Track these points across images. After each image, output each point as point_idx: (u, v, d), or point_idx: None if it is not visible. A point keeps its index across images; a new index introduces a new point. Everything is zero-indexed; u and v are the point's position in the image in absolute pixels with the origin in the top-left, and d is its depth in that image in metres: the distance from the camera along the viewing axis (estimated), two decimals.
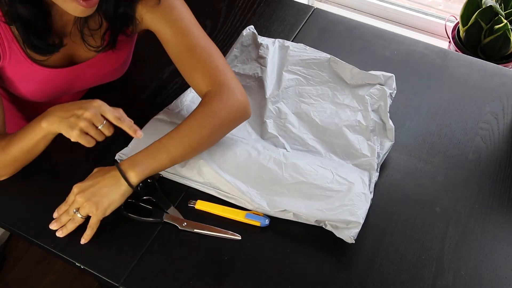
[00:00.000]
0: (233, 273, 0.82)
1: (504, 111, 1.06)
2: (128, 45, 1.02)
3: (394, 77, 1.05)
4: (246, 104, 0.93)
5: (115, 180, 0.84)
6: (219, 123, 0.89)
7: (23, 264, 1.65)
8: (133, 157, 0.85)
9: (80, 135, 0.82)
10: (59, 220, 0.86)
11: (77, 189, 0.85)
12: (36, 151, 0.89)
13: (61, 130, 0.83)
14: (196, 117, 0.88)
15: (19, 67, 0.91)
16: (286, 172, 0.90)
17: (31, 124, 0.86)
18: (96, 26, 0.92)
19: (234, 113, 0.91)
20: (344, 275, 0.82)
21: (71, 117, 0.82)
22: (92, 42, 0.94)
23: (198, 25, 0.96)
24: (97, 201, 0.83)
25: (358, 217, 0.83)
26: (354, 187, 0.88)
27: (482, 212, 0.90)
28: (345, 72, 1.07)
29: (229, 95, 0.90)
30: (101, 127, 0.83)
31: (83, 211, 0.83)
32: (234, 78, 0.94)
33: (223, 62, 0.94)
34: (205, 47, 0.94)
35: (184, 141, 0.86)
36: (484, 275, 0.82)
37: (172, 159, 0.86)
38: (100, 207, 0.83)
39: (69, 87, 1.00)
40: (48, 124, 0.84)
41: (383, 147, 0.96)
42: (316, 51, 1.12)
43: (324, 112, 1.02)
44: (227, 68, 0.94)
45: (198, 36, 0.94)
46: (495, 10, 1.68)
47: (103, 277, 0.82)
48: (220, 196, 0.90)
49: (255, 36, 1.15)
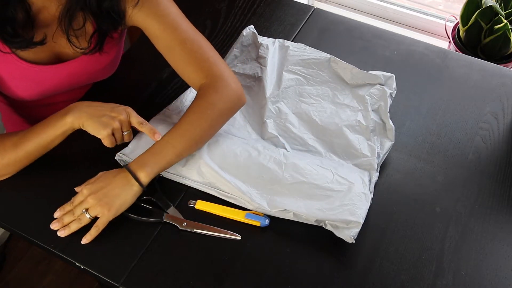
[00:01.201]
0: (233, 273, 0.82)
1: (504, 111, 1.06)
2: (116, 45, 1.02)
3: (394, 77, 1.05)
4: (240, 92, 0.95)
5: (127, 180, 0.85)
6: (217, 114, 0.92)
7: (23, 264, 1.65)
8: (141, 158, 0.87)
9: (109, 135, 0.85)
10: (61, 220, 0.86)
11: (87, 190, 0.85)
12: (50, 147, 0.89)
13: (88, 126, 0.85)
14: (195, 111, 0.90)
15: (6, 64, 0.91)
16: (286, 172, 0.90)
17: (50, 120, 0.87)
18: (79, 26, 0.91)
19: (230, 103, 0.93)
20: (344, 275, 0.82)
21: (103, 117, 0.85)
22: (78, 43, 0.92)
23: (184, 18, 0.97)
24: (109, 202, 0.83)
25: (358, 217, 0.83)
26: (354, 187, 0.88)
27: (482, 212, 0.90)
28: (345, 72, 1.07)
29: (223, 86, 0.93)
30: (126, 133, 0.88)
31: (93, 212, 0.84)
32: (226, 67, 0.96)
33: (213, 53, 0.96)
34: (194, 40, 0.95)
35: (186, 135, 0.88)
36: (484, 275, 0.82)
37: (178, 154, 0.88)
38: (112, 208, 0.83)
39: (59, 85, 1.00)
40: (74, 119, 0.85)
41: (383, 147, 0.96)
42: (316, 51, 1.12)
43: (324, 112, 1.02)
44: (218, 58, 0.96)
45: (186, 30, 0.95)
46: (495, 10, 1.68)
47: (103, 277, 0.82)
48: (220, 196, 0.90)
49: (255, 36, 1.15)
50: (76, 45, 0.92)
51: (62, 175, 0.94)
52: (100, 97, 1.06)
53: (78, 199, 0.86)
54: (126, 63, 1.12)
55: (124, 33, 1.06)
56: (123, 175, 0.85)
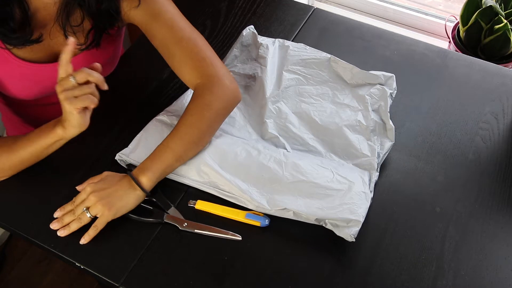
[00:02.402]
0: (233, 273, 0.82)
1: (504, 111, 1.06)
2: (114, 41, 1.02)
3: (395, 77, 1.05)
4: (236, 90, 0.95)
5: (130, 185, 0.85)
6: (214, 115, 0.92)
7: (23, 264, 1.65)
8: (142, 164, 0.87)
9: (75, 103, 0.80)
10: (61, 220, 0.86)
11: (91, 188, 0.85)
12: (45, 155, 0.89)
13: (67, 118, 0.82)
14: (192, 113, 0.90)
15: (4, 64, 0.91)
16: (286, 171, 0.90)
17: (45, 128, 0.87)
18: (78, 23, 0.91)
19: (226, 102, 0.94)
20: (344, 275, 0.82)
21: (65, 101, 0.81)
22: (75, 40, 0.93)
23: (182, 16, 0.97)
24: (111, 202, 0.84)
25: (359, 216, 0.84)
26: (354, 186, 0.88)
27: (482, 212, 0.90)
28: (345, 71, 1.07)
29: (218, 86, 0.92)
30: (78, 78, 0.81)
31: (93, 211, 0.84)
32: (222, 66, 0.96)
33: (210, 52, 0.96)
34: (191, 39, 0.95)
35: (185, 138, 0.88)
36: (484, 275, 0.82)
37: (178, 158, 0.88)
38: (112, 208, 0.84)
39: None
40: (64, 132, 0.85)
41: (383, 147, 0.96)
42: (316, 51, 1.12)
43: (324, 112, 1.02)
44: (214, 57, 0.96)
45: (183, 28, 0.95)
46: (495, 10, 1.68)
47: (103, 277, 0.82)
48: (220, 195, 0.90)
49: (255, 36, 1.15)
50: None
51: (62, 175, 0.94)
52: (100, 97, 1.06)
53: (81, 197, 0.86)
54: (126, 63, 1.12)
55: (123, 31, 1.06)
56: (128, 179, 0.86)
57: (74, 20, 0.91)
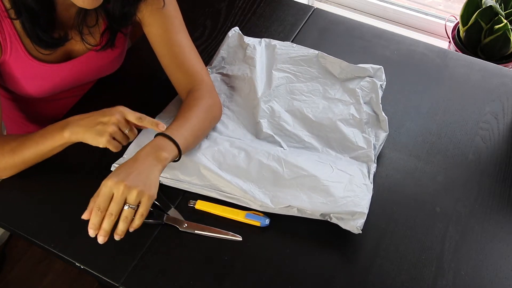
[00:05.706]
0: (233, 273, 0.82)
1: (504, 111, 1.06)
2: (124, 38, 1.04)
3: (383, 68, 1.05)
4: (220, 104, 1.00)
5: (149, 161, 0.80)
6: (210, 119, 0.96)
7: (23, 264, 1.65)
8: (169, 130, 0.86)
9: (109, 141, 0.81)
10: (92, 224, 0.76)
11: (113, 180, 0.76)
12: (48, 156, 0.89)
13: (87, 139, 0.82)
14: (203, 109, 0.93)
15: (19, 63, 0.92)
16: (286, 167, 0.90)
17: (49, 131, 0.85)
18: (93, 23, 0.94)
19: (219, 111, 0.99)
20: (344, 275, 0.82)
21: (97, 125, 0.81)
22: (91, 39, 0.96)
23: (184, 27, 1.01)
24: (145, 184, 0.77)
25: (363, 207, 0.84)
26: (355, 179, 0.89)
27: (482, 212, 0.90)
28: (334, 66, 1.08)
29: (214, 93, 0.98)
30: (127, 131, 0.83)
31: (132, 199, 0.76)
32: (210, 78, 1.01)
33: (202, 64, 1.01)
34: (191, 47, 1.00)
35: (195, 129, 0.90)
36: (484, 275, 0.82)
37: (186, 145, 0.87)
38: (151, 188, 0.78)
39: (68, 82, 1.01)
40: (71, 134, 0.83)
41: (378, 138, 0.97)
42: (304, 48, 1.12)
43: (317, 108, 1.02)
44: (205, 69, 1.02)
45: (186, 36, 1.00)
46: (495, 10, 1.68)
47: (103, 277, 0.82)
48: (222, 197, 0.89)
49: (241, 37, 1.15)
50: (90, 42, 0.96)
51: (62, 175, 0.94)
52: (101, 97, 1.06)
53: (107, 194, 0.76)
54: (126, 63, 1.12)
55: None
56: (144, 156, 0.80)
57: (90, 21, 0.94)
